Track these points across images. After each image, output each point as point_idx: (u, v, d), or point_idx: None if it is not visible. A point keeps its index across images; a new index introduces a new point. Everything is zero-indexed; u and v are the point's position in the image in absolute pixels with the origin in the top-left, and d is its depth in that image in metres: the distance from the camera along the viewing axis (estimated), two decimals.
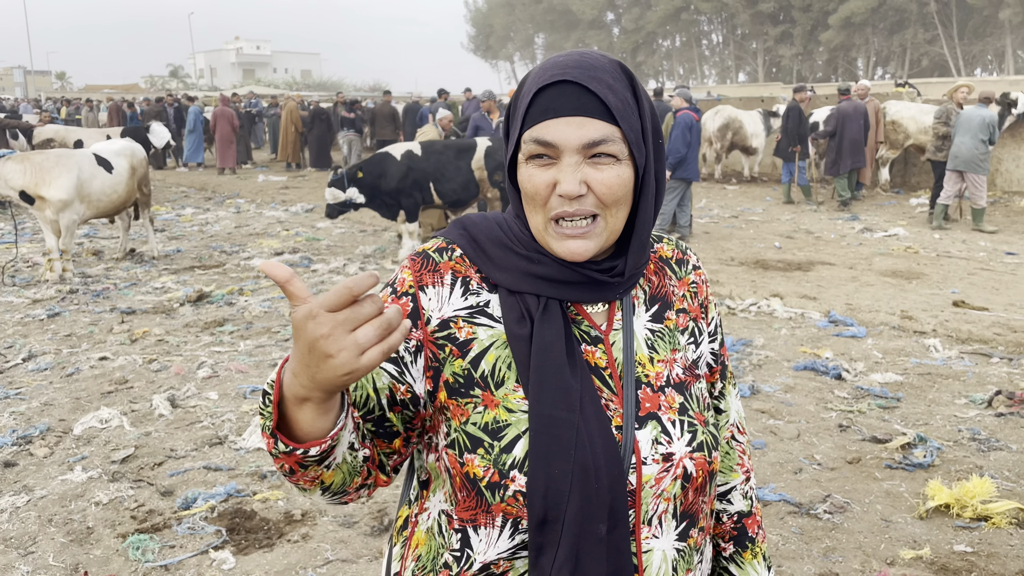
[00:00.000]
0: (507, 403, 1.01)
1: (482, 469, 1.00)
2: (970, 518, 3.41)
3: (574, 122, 0.98)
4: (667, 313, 1.13)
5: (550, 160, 1.00)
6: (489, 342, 1.04)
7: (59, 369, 5.41)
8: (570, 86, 0.98)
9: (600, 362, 1.05)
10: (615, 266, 1.06)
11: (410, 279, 1.07)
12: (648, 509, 1.02)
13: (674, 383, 1.09)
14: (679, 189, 9.60)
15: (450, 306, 1.06)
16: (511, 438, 1.00)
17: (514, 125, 1.04)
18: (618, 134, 0.99)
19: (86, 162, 7.90)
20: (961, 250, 9.17)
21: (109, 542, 3.32)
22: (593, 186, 0.99)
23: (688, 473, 1.04)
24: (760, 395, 4.85)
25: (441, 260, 1.08)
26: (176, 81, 79.36)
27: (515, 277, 1.05)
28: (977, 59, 53.77)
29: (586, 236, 1.01)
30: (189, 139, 19.31)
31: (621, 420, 1.02)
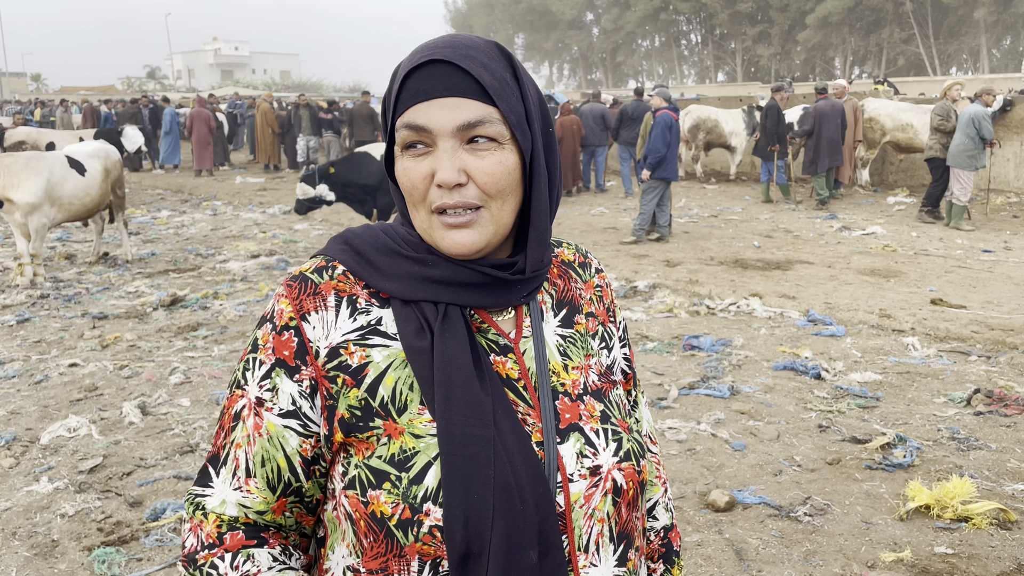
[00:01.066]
0: (412, 429, 0.90)
1: (390, 506, 0.88)
2: (950, 519, 3.39)
3: (447, 103, 0.89)
4: (576, 317, 1.06)
5: (426, 148, 0.91)
6: (386, 364, 0.93)
7: (27, 376, 5.29)
8: (441, 65, 0.90)
9: (512, 373, 0.96)
10: (515, 263, 0.97)
11: (289, 309, 0.94)
12: (581, 533, 0.93)
13: (592, 390, 1.01)
14: (659, 189, 9.58)
15: (337, 331, 0.94)
16: (420, 466, 0.88)
17: (386, 113, 0.95)
18: (496, 115, 0.90)
19: (57, 165, 7.75)
20: (938, 248, 9.21)
21: (74, 555, 3.23)
22: (473, 174, 0.90)
23: (618, 486, 0.96)
24: (740, 396, 4.82)
25: (321, 280, 0.96)
26: (153, 82, 78.62)
27: (407, 284, 0.94)
28: (952, 58, 54.35)
29: (470, 226, 0.91)
30: (165, 141, 19.10)
31: (541, 435, 0.93)
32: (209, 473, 0.98)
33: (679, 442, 4.20)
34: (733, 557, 3.17)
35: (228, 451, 0.96)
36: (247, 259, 8.95)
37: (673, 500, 3.57)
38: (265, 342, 0.95)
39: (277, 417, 0.93)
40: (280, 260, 8.80)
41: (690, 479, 3.81)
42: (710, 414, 4.52)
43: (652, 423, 1.20)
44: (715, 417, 4.48)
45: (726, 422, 4.45)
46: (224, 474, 0.97)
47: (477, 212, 0.91)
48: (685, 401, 4.75)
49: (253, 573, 0.94)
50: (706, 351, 5.62)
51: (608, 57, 68.57)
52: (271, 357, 0.94)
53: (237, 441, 0.95)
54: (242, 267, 8.47)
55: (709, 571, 3.09)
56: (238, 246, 9.74)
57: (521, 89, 0.94)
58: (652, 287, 7.44)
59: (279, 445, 0.94)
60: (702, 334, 5.97)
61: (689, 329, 6.16)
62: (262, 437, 0.94)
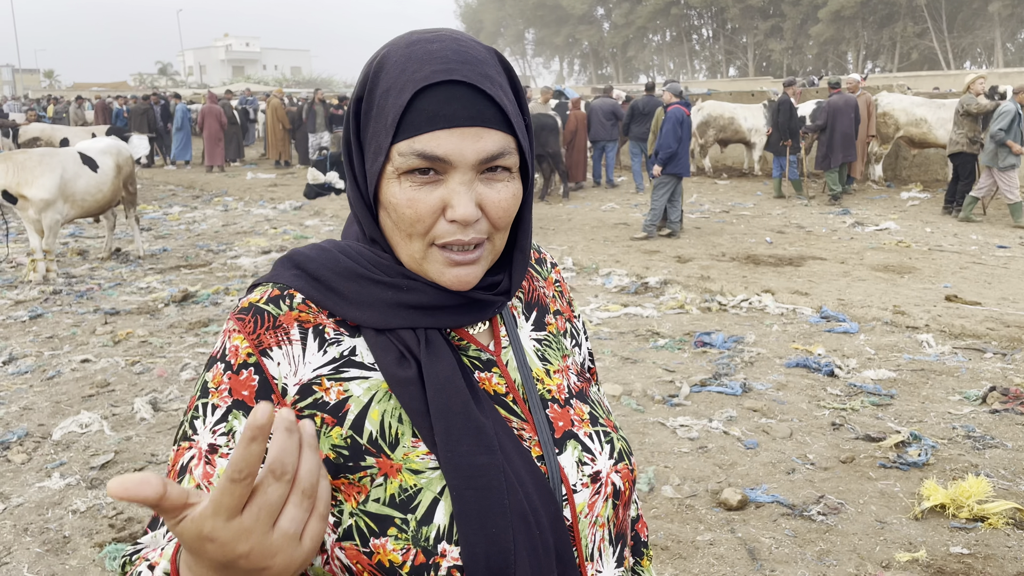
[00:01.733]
0: (409, 464, 0.83)
1: (400, 553, 0.80)
2: (966, 518, 3.35)
3: (470, 133, 0.80)
4: (546, 318, 1.02)
5: (435, 176, 0.82)
6: (367, 397, 0.85)
7: (39, 372, 5.31)
8: (460, 88, 0.80)
9: (499, 388, 0.90)
10: (497, 282, 0.91)
11: (246, 345, 0.84)
12: (588, 543, 0.90)
13: (575, 392, 0.97)
14: (670, 184, 9.53)
15: (307, 366, 0.84)
16: (427, 504, 0.81)
17: (376, 129, 0.84)
18: (513, 144, 0.84)
19: (70, 161, 7.78)
20: (953, 244, 9.13)
21: (86, 551, 3.23)
22: (488, 208, 0.83)
23: (617, 489, 0.93)
24: (752, 393, 4.78)
25: (280, 312, 0.86)
26: (165, 79, 78.92)
27: (382, 312, 0.85)
28: (967, 52, 53.92)
29: (476, 262, 0.85)
30: (177, 137, 19.16)
31: (540, 448, 0.89)
32: (146, 532, 0.84)
33: (691, 440, 4.18)
34: (746, 556, 3.15)
35: None
36: (258, 255, 8.97)
37: (685, 497, 3.55)
38: (218, 384, 0.83)
39: None
40: None
41: (702, 477, 3.78)
42: (722, 411, 4.49)
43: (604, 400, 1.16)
44: (727, 415, 4.45)
45: (738, 420, 4.42)
46: (155, 535, 0.83)
47: (481, 248, 0.86)
48: (697, 398, 4.72)
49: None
50: (718, 348, 5.59)
51: (619, 52, 68.37)
52: (227, 399, 0.82)
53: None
54: (253, 263, 8.49)
55: (722, 570, 3.07)
56: (249, 242, 9.75)
57: (520, 101, 0.88)
58: (663, 283, 7.40)
59: None
60: (714, 331, 5.94)
61: (700, 326, 6.13)
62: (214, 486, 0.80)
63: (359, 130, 0.87)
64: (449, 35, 0.86)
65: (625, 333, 6.00)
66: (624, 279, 7.62)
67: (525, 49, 77.19)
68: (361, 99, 0.86)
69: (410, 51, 0.83)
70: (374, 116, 0.84)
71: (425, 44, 0.83)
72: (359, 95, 0.86)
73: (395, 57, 0.83)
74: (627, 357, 5.45)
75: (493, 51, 0.87)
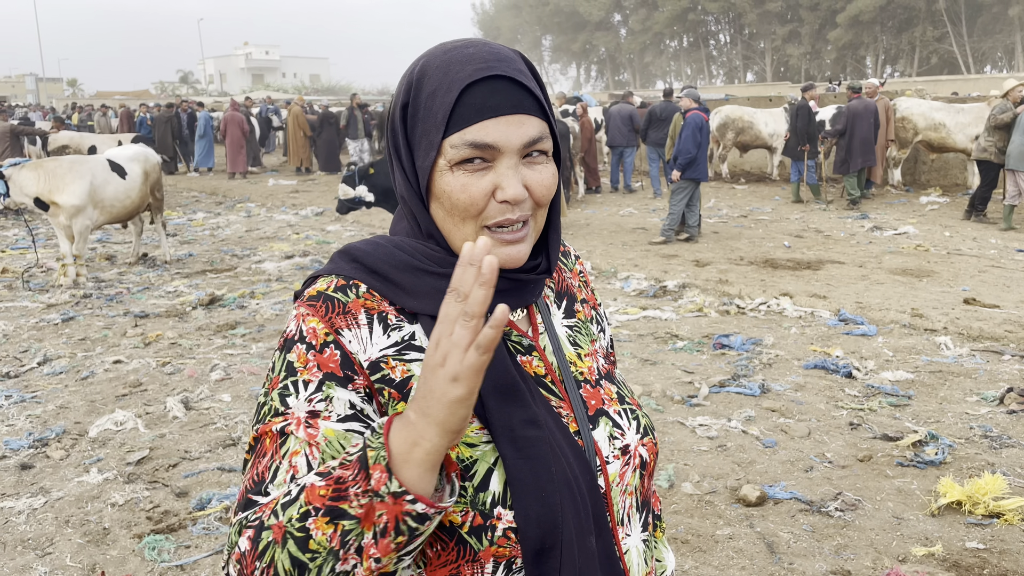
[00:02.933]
0: (466, 438, 0.92)
1: (459, 515, 0.89)
2: (982, 515, 3.41)
3: (514, 120, 0.90)
4: (575, 306, 1.12)
5: (485, 164, 0.91)
6: None
7: (74, 372, 5.47)
8: (502, 81, 0.90)
9: (539, 370, 1.00)
10: (538, 264, 1.01)
11: (322, 326, 0.92)
12: (619, 508, 1.00)
13: (604, 374, 1.07)
14: (688, 189, 9.61)
15: (374, 347, 0.93)
16: (483, 474, 0.90)
17: (425, 128, 0.92)
18: (548, 130, 0.94)
19: (99, 168, 7.97)
20: (972, 248, 9.14)
21: (125, 542, 3.36)
22: (532, 187, 0.93)
23: (644, 460, 1.04)
24: (770, 394, 4.85)
25: (348, 299, 0.94)
26: (186, 87, 79.77)
27: (436, 300, 0.92)
28: (987, 56, 53.52)
29: (524, 240, 0.94)
30: (199, 144, 19.43)
31: (576, 424, 0.99)
32: (253, 500, 0.87)
33: (710, 438, 4.25)
34: (764, 550, 3.22)
35: (278, 465, 0.87)
36: (281, 259, 9.12)
37: (704, 494, 3.63)
38: (304, 363, 0.91)
39: (336, 423, 0.89)
40: (314, 260, 8.96)
41: (721, 474, 3.86)
42: (741, 411, 4.56)
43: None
44: (746, 414, 4.52)
45: (757, 419, 4.49)
46: (275, 489, 0.86)
47: (527, 226, 0.94)
48: (716, 399, 4.80)
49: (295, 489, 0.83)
50: (736, 350, 5.65)
51: (636, 58, 68.40)
52: (316, 374, 0.90)
53: (293, 450, 0.87)
54: (277, 267, 8.64)
55: (741, 563, 3.14)
56: (272, 247, 9.92)
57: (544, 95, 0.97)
58: (682, 287, 7.47)
59: (339, 448, 0.88)
60: (732, 333, 6.00)
61: (719, 328, 6.20)
62: (320, 443, 0.87)
63: (407, 132, 0.95)
64: (480, 41, 0.95)
65: (644, 335, 6.08)
66: (643, 283, 7.69)
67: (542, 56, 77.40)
68: (407, 104, 0.95)
69: (449, 56, 0.92)
70: (422, 117, 0.92)
71: (461, 49, 0.93)
72: (404, 101, 0.95)
73: (436, 63, 0.92)
74: (646, 359, 5.53)
75: (517, 52, 0.97)
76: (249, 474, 0.90)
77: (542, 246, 1.03)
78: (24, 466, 4.07)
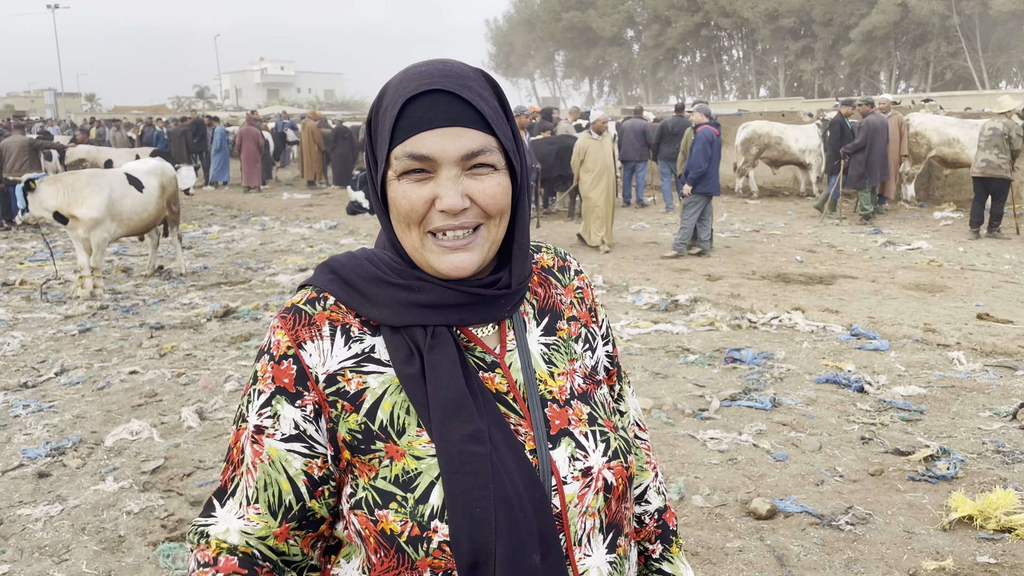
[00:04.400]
0: (413, 451, 0.95)
1: (399, 524, 0.94)
2: (993, 529, 3.40)
3: (450, 133, 0.93)
4: (559, 324, 1.10)
5: (426, 175, 0.94)
6: (382, 389, 0.98)
7: (90, 383, 5.53)
8: (441, 95, 0.94)
9: (500, 387, 1.01)
10: (499, 279, 1.02)
11: (286, 339, 0.99)
12: (576, 529, 1.00)
13: (578, 394, 1.06)
14: (700, 204, 9.63)
15: (334, 359, 0.98)
16: (424, 487, 0.94)
17: (380, 141, 0.97)
18: (494, 143, 0.95)
19: (117, 182, 8.08)
20: (985, 263, 9.10)
21: (140, 550, 3.40)
22: (476, 197, 0.95)
23: (609, 484, 1.02)
24: (782, 408, 4.85)
25: (315, 311, 1.00)
26: (203, 102, 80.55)
27: (396, 311, 0.98)
28: (1002, 71, 53.33)
29: (468, 248, 0.96)
30: (215, 158, 19.62)
31: (534, 443, 0.98)
32: (213, 504, 1.02)
33: (720, 452, 4.26)
34: (774, 563, 3.22)
35: (237, 482, 1.01)
36: (295, 272, 9.20)
37: (715, 507, 3.63)
38: (264, 373, 0.99)
39: (279, 442, 0.97)
40: None
41: (731, 488, 3.86)
42: (751, 425, 4.57)
43: (639, 410, 1.27)
44: (756, 428, 4.53)
45: (768, 433, 4.49)
46: (231, 504, 1.01)
47: (475, 232, 0.96)
48: (727, 412, 4.80)
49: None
50: (748, 364, 5.66)
51: (649, 73, 68.57)
52: (270, 386, 0.98)
53: (244, 471, 1.00)
54: (291, 280, 8.71)
55: None
56: (286, 260, 10.00)
57: (507, 115, 0.99)
58: (693, 301, 7.48)
59: (281, 468, 0.98)
60: (744, 347, 6.01)
61: (730, 342, 6.20)
62: (263, 463, 0.98)
63: (372, 146, 1.01)
64: (440, 61, 0.99)
65: (655, 349, 6.09)
66: (654, 296, 7.71)
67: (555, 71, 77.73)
68: (371, 121, 1.01)
69: (404, 75, 0.98)
70: (378, 131, 0.98)
71: (416, 68, 0.98)
72: (369, 118, 1.01)
73: (393, 81, 0.98)
74: (657, 372, 5.54)
75: (481, 72, 1.00)
76: (222, 476, 1.04)
77: (507, 261, 1.04)
78: (41, 474, 4.12)
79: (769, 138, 14.90)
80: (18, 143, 12.44)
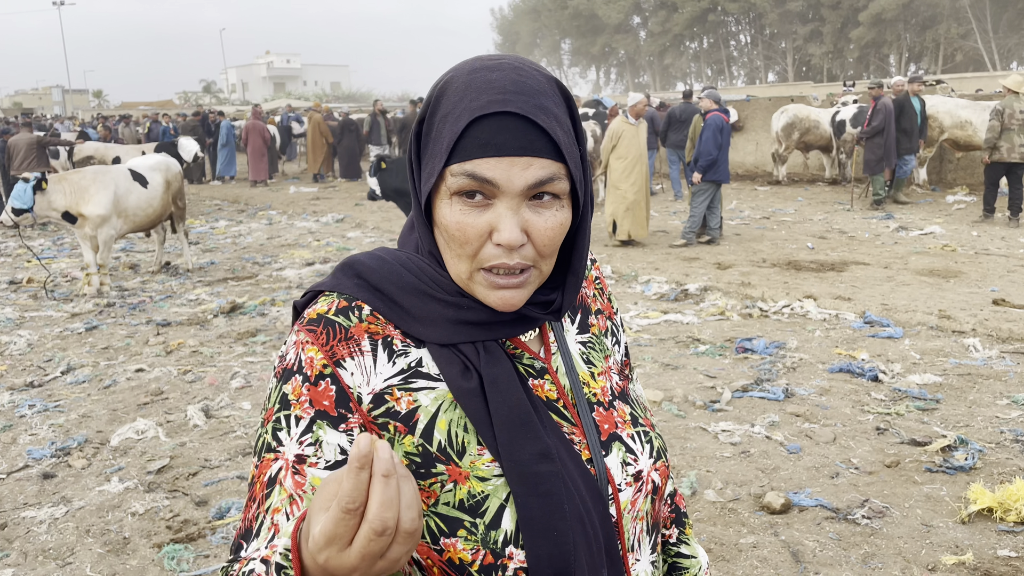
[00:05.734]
0: (476, 472, 0.88)
1: (469, 552, 0.86)
2: (1014, 522, 3.32)
3: (519, 162, 0.83)
4: (590, 319, 1.05)
5: (484, 200, 0.85)
6: (435, 406, 0.90)
7: (96, 381, 5.51)
8: (513, 119, 0.83)
9: (551, 394, 0.95)
10: (551, 301, 0.94)
11: (320, 357, 0.88)
12: (629, 535, 0.96)
13: (617, 394, 1.02)
14: (709, 191, 9.52)
15: (379, 376, 0.89)
16: (495, 511, 0.87)
17: (433, 150, 0.88)
18: (563, 171, 0.86)
19: (122, 178, 8.04)
20: (1000, 247, 8.97)
21: (145, 552, 3.36)
22: (533, 234, 0.86)
23: (656, 485, 0.99)
24: (794, 398, 4.77)
25: (351, 324, 0.90)
26: (209, 96, 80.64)
27: (445, 330, 0.90)
28: (1013, 52, 52.76)
29: (521, 286, 0.88)
30: (221, 153, 19.61)
31: (588, 451, 0.94)
32: (241, 546, 0.87)
33: (733, 444, 4.19)
34: (789, 559, 3.16)
35: (262, 520, 0.85)
36: (302, 267, 9.15)
37: (728, 501, 3.57)
38: (298, 396, 0.87)
39: (324, 471, 0.86)
40: (334, 267, 8.98)
41: (744, 481, 3.80)
42: (764, 416, 4.49)
43: (643, 395, 1.20)
44: (769, 420, 4.45)
45: (780, 424, 4.42)
46: (256, 543, 0.85)
47: (528, 272, 0.88)
48: (738, 404, 4.73)
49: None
50: (759, 354, 5.58)
51: (655, 60, 68.20)
52: (309, 411, 0.87)
53: (275, 507, 0.85)
54: (298, 274, 8.67)
55: (765, 572, 3.08)
56: (293, 254, 9.96)
57: (576, 129, 0.91)
58: (703, 290, 7.40)
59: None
60: (755, 336, 5.92)
61: (742, 332, 6.12)
62: (308, 493, 0.85)
63: (419, 149, 0.91)
64: (511, 64, 0.88)
65: (665, 340, 6.02)
66: (664, 286, 7.63)
67: (561, 59, 77.39)
68: (423, 122, 0.90)
69: (471, 79, 0.86)
70: (432, 139, 0.88)
71: (486, 73, 0.86)
72: (422, 118, 0.90)
73: (456, 84, 0.87)
74: (667, 363, 5.47)
75: (554, 80, 0.90)
76: (244, 515, 0.89)
77: (559, 283, 0.96)
78: (46, 475, 4.09)
79: (809, 122, 14.72)
80: (26, 140, 12.44)
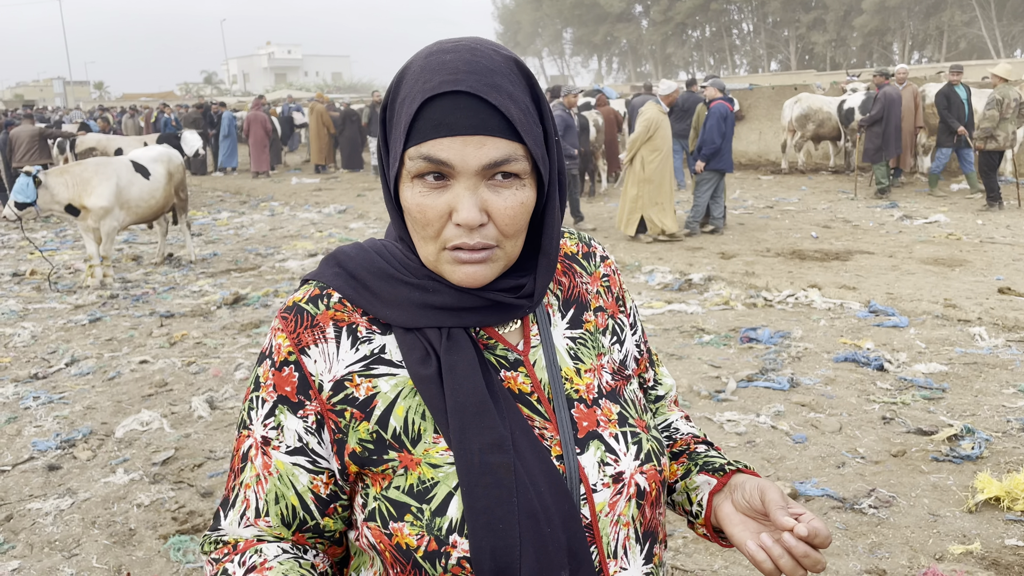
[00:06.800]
0: (429, 459, 0.88)
1: (415, 538, 0.86)
2: (1021, 511, 3.31)
3: (472, 141, 0.83)
4: (585, 315, 1.02)
5: (443, 181, 0.85)
6: (394, 393, 0.90)
7: (101, 373, 5.50)
8: (465, 98, 0.83)
9: (524, 387, 0.93)
10: (522, 285, 0.93)
11: (287, 344, 0.92)
12: (609, 540, 0.92)
13: (606, 392, 0.98)
14: (713, 180, 9.49)
15: (340, 363, 0.91)
16: (442, 498, 0.86)
17: (394, 136, 0.88)
18: (522, 151, 0.86)
19: (124, 169, 8.03)
20: (1005, 235, 8.94)
21: (151, 543, 3.36)
22: (494, 214, 0.86)
23: (641, 489, 0.94)
24: (800, 388, 4.76)
25: (318, 311, 0.93)
26: (211, 87, 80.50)
27: (409, 312, 0.90)
28: (1017, 40, 52.49)
29: (484, 262, 0.88)
30: (223, 144, 19.57)
31: (560, 448, 0.91)
32: (219, 516, 0.97)
33: (738, 435, 4.18)
34: None
35: (237, 493, 0.95)
36: (305, 258, 9.14)
37: None
38: (266, 379, 0.92)
39: (285, 455, 0.91)
40: None
41: None
42: (769, 406, 4.48)
43: (674, 384, 1.18)
44: (775, 409, 4.44)
45: (786, 414, 4.40)
46: (232, 515, 0.95)
47: (492, 250, 0.88)
48: (743, 394, 4.72)
49: (258, 563, 0.91)
50: (764, 343, 5.56)
51: (658, 49, 67.94)
52: (272, 394, 0.92)
53: (246, 482, 0.93)
54: (300, 265, 8.66)
55: None
56: (296, 245, 9.94)
57: (540, 112, 0.90)
58: (707, 280, 7.38)
59: (289, 483, 0.92)
60: (760, 326, 5.91)
61: (746, 321, 6.10)
62: (272, 476, 0.92)
63: (386, 135, 0.92)
64: (468, 45, 0.87)
65: (669, 330, 6.00)
66: (667, 276, 7.61)
67: (563, 49, 77.13)
68: (386, 108, 0.91)
69: (427, 62, 0.86)
70: (393, 124, 0.89)
71: (440, 55, 0.86)
72: (385, 104, 0.92)
73: (414, 68, 0.87)
74: (672, 353, 5.46)
75: (513, 60, 0.89)
76: (226, 484, 0.98)
77: (532, 267, 0.95)
78: (52, 467, 4.09)
79: (823, 114, 14.63)
80: (28, 133, 12.41)
